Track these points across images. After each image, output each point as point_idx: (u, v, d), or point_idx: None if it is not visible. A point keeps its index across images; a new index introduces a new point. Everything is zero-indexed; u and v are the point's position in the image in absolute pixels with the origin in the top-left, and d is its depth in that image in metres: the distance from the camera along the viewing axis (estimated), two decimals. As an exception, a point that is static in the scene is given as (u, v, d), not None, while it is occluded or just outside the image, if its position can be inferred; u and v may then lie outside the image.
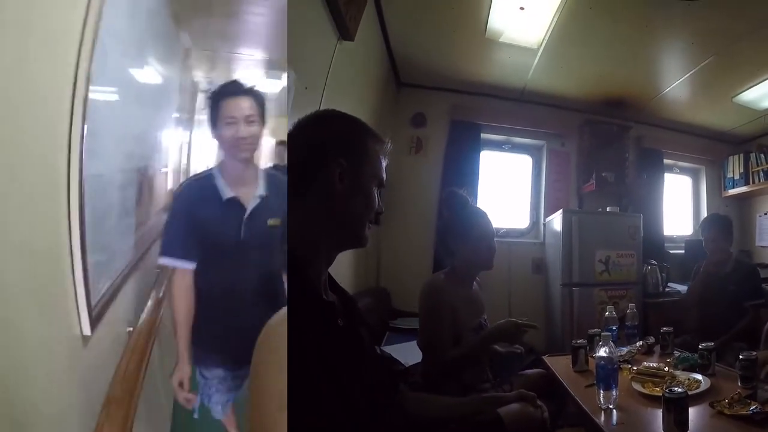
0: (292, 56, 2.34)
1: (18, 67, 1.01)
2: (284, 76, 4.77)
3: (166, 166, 3.60)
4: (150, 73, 2.71)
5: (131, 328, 2.15)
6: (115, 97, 1.93)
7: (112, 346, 1.89)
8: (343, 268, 3.21)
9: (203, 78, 5.69)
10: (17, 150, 1.04)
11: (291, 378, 0.83)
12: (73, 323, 1.43)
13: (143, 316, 2.29)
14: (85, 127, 1.39)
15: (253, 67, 5.19)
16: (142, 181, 2.65)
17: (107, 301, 1.79)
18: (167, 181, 3.65)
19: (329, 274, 1.29)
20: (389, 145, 1.36)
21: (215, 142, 2.25)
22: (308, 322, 1.10)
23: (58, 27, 1.23)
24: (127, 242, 2.28)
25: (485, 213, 2.30)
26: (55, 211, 1.30)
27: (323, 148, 1.23)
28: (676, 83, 4.10)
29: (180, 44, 3.80)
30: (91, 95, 1.41)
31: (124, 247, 2.23)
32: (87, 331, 1.47)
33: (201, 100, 5.70)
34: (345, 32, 2.73)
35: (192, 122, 5.52)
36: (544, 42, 3.58)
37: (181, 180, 3.47)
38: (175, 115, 3.93)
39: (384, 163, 1.33)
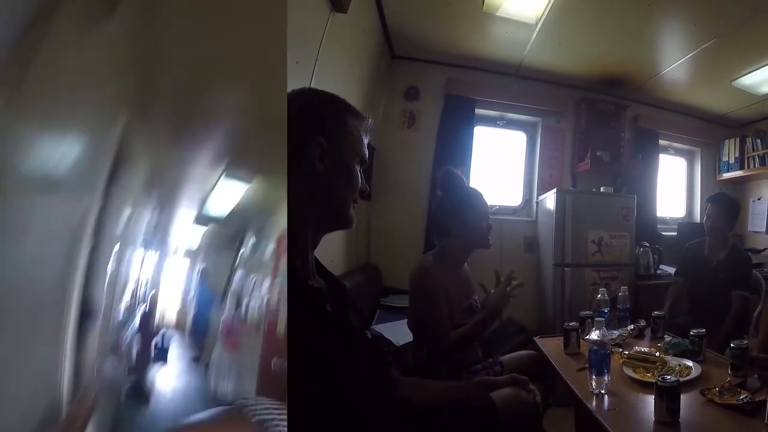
0: (283, 28, 2.27)
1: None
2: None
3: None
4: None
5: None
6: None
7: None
8: (333, 245, 3.18)
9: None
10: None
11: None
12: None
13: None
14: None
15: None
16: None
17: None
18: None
19: (316, 258, 1.25)
20: (370, 121, 1.30)
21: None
22: (296, 309, 1.07)
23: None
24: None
25: (481, 193, 2.28)
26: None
27: (301, 129, 1.18)
28: (675, 64, 4.05)
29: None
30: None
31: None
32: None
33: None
34: (338, 4, 2.66)
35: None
36: (543, 17, 3.50)
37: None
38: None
39: (366, 140, 1.27)
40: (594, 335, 1.91)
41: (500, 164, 4.85)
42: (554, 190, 4.22)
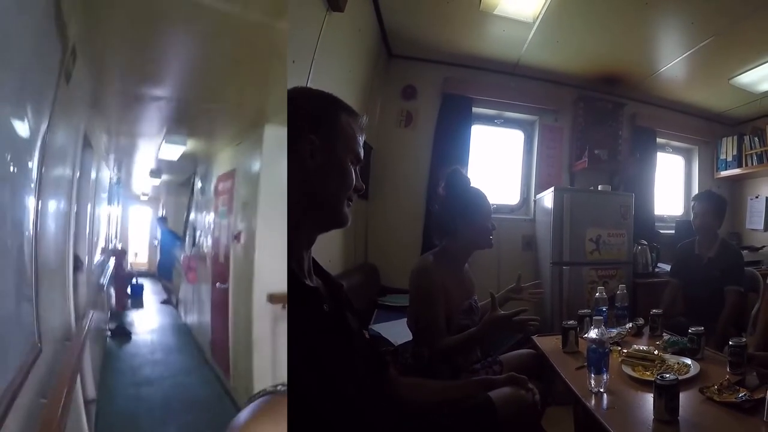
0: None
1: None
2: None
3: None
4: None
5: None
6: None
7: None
8: (331, 245, 3.18)
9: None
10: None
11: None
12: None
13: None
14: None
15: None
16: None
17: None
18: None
19: (313, 258, 1.24)
20: (364, 119, 1.29)
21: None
22: (292, 309, 1.06)
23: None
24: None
25: (484, 193, 2.28)
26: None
27: (292, 126, 1.18)
28: (673, 62, 4.04)
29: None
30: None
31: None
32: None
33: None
34: (334, 3, 2.66)
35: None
36: (540, 15, 3.49)
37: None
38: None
39: (361, 139, 1.27)
40: (592, 333, 1.91)
41: (498, 163, 4.83)
42: (552, 188, 4.21)
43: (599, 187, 4.41)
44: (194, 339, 6.17)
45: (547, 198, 4.25)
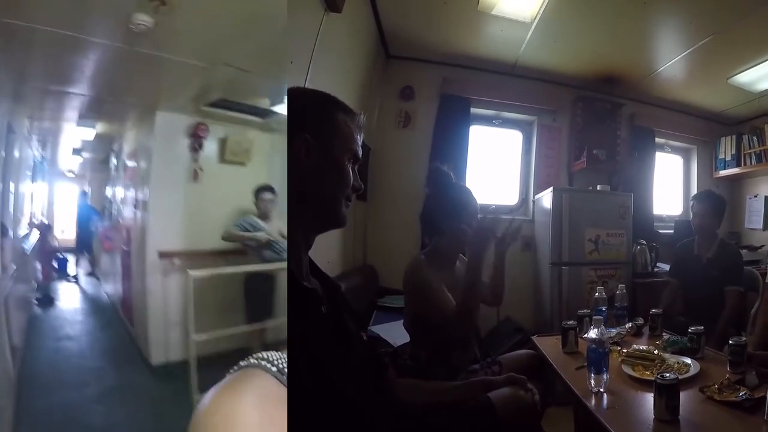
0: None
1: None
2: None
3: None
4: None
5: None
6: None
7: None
8: (330, 246, 3.17)
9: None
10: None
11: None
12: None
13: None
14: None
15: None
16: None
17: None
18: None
19: (311, 259, 1.23)
20: (363, 118, 1.27)
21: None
22: (290, 311, 1.05)
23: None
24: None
25: (470, 189, 2.27)
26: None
27: (289, 126, 1.17)
28: (671, 62, 4.04)
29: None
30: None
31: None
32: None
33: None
34: (332, 4, 2.66)
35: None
36: (538, 15, 3.50)
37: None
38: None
39: (359, 137, 1.25)
40: (592, 333, 1.91)
41: (496, 163, 4.83)
42: (551, 188, 4.21)
43: (598, 187, 4.41)
44: (111, 300, 7.34)
45: (546, 198, 4.25)
